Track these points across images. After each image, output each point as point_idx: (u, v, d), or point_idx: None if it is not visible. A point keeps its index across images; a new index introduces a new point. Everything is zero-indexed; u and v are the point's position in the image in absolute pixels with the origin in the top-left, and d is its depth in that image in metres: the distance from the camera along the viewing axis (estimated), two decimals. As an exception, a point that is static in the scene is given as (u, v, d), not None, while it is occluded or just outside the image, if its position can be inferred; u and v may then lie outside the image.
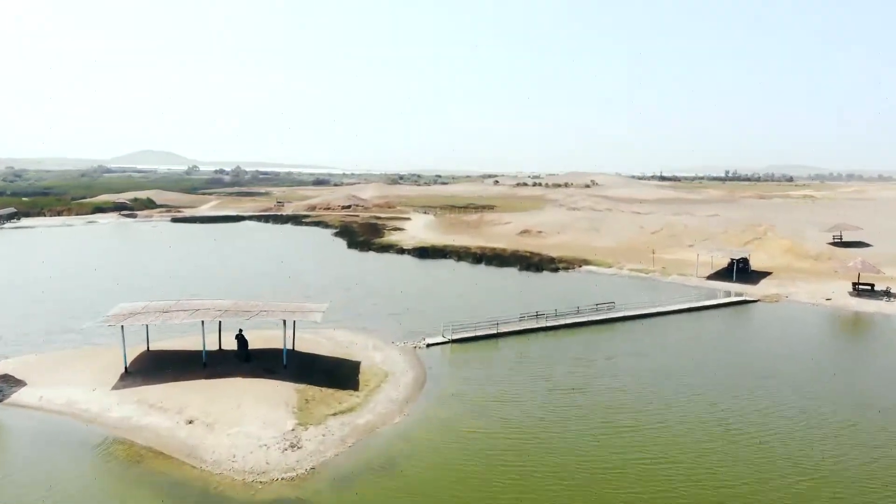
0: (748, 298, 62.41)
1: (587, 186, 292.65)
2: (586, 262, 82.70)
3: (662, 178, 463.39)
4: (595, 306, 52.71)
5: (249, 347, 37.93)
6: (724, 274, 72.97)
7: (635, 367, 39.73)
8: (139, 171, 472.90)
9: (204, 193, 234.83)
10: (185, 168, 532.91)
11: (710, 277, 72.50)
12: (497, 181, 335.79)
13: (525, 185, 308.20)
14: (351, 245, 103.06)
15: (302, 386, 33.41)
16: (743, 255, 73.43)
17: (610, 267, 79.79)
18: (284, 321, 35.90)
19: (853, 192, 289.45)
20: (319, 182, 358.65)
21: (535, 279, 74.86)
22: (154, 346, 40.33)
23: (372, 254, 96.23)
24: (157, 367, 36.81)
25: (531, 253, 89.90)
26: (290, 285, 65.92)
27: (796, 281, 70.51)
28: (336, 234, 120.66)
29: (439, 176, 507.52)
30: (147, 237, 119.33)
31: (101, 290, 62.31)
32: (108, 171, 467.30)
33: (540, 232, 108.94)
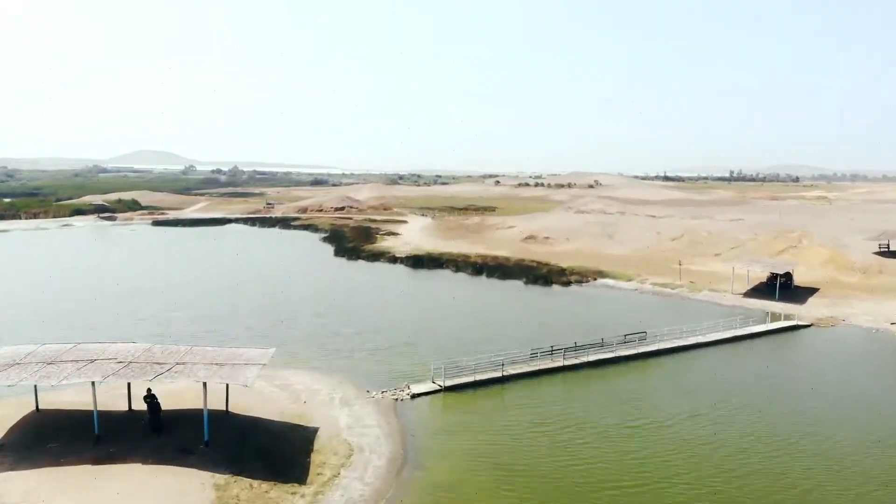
0: (799, 323, 52.38)
1: (591, 187, 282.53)
2: (601, 275, 72.67)
3: (666, 179, 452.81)
4: (623, 337, 42.66)
5: (169, 407, 28.07)
6: (763, 290, 62.98)
7: (698, 441, 29.13)
8: (135, 172, 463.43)
9: (196, 194, 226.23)
10: (182, 168, 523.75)
11: (747, 294, 62.48)
12: (498, 181, 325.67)
13: (527, 185, 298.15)
14: (338, 252, 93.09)
15: (225, 478, 23.41)
16: (787, 270, 63.15)
17: (630, 280, 69.70)
18: (205, 384, 25.69)
19: (866, 194, 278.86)
20: (317, 182, 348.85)
21: (544, 295, 64.88)
22: (49, 401, 30.42)
23: (361, 263, 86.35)
24: (39, 437, 26.88)
25: (538, 263, 79.95)
26: (253, 307, 55.91)
27: (849, 299, 60.47)
28: (324, 240, 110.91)
29: (439, 176, 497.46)
30: (119, 242, 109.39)
31: (34, 314, 52.41)
32: (104, 171, 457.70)
33: (547, 238, 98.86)
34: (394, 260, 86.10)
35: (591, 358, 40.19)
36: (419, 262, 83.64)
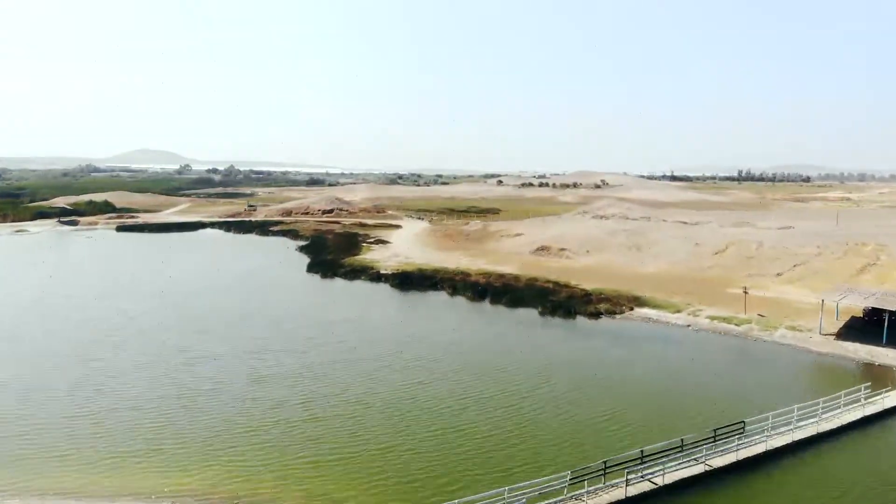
0: (940, 386, 36.50)
1: (597, 187, 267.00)
2: (639, 302, 56.69)
3: (673, 178, 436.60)
4: (713, 433, 26.84)
5: None
6: (860, 328, 47.19)
7: None
8: (130, 171, 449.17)
9: (183, 194, 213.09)
10: (177, 167, 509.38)
11: (840, 335, 46.51)
12: (501, 181, 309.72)
13: (531, 185, 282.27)
14: (312, 267, 77.28)
15: None
16: (897, 303, 46.85)
17: (678, 311, 53.61)
18: None
19: (889, 194, 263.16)
20: (314, 182, 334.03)
21: (568, 334, 49.03)
22: None
23: (338, 281, 70.81)
24: None
25: (554, 284, 63.97)
26: (160, 369, 39.86)
27: (982, 343, 44.61)
28: (302, 249, 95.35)
29: (440, 176, 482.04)
30: (58, 255, 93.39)
31: None
32: (97, 170, 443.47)
33: (562, 249, 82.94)
34: (378, 277, 70.51)
35: (669, 479, 24.28)
36: (408, 280, 68.05)
